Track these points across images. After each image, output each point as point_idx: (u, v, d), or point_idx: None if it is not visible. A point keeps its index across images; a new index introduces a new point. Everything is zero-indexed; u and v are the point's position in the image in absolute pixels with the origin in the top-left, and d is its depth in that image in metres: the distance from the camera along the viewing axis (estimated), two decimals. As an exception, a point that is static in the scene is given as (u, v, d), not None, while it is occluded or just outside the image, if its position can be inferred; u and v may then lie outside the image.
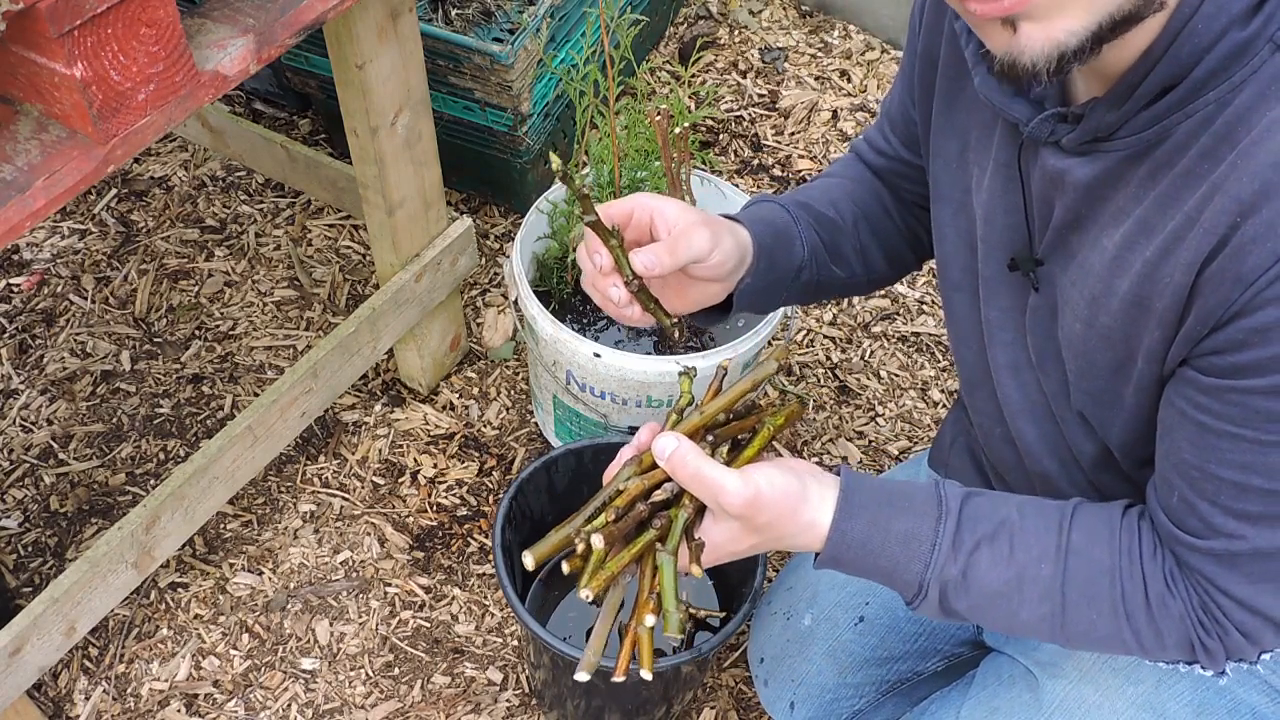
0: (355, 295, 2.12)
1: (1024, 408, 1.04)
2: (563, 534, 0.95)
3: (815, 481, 0.93)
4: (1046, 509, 0.94)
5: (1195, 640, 0.89)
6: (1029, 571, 0.91)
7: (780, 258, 1.10)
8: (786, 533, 0.92)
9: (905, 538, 0.92)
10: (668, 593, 0.90)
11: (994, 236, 0.99)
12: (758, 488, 0.88)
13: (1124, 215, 0.85)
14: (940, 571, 0.91)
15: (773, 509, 0.89)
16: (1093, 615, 0.91)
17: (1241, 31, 0.74)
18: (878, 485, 0.94)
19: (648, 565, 0.93)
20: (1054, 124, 0.86)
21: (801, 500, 0.91)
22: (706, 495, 0.89)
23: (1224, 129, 0.77)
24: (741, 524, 0.90)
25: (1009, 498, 0.95)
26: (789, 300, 1.16)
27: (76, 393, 1.97)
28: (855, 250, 1.18)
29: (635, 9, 2.28)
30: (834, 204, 1.18)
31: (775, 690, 1.37)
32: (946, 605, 0.93)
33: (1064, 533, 0.92)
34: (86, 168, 1.06)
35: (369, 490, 1.87)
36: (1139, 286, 0.83)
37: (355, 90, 1.49)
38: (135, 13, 1.02)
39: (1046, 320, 0.96)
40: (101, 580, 1.45)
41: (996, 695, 1.18)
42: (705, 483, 0.88)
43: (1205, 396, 0.81)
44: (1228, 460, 0.82)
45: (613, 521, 0.91)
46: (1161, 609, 0.89)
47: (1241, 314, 0.76)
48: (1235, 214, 0.75)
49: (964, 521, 0.92)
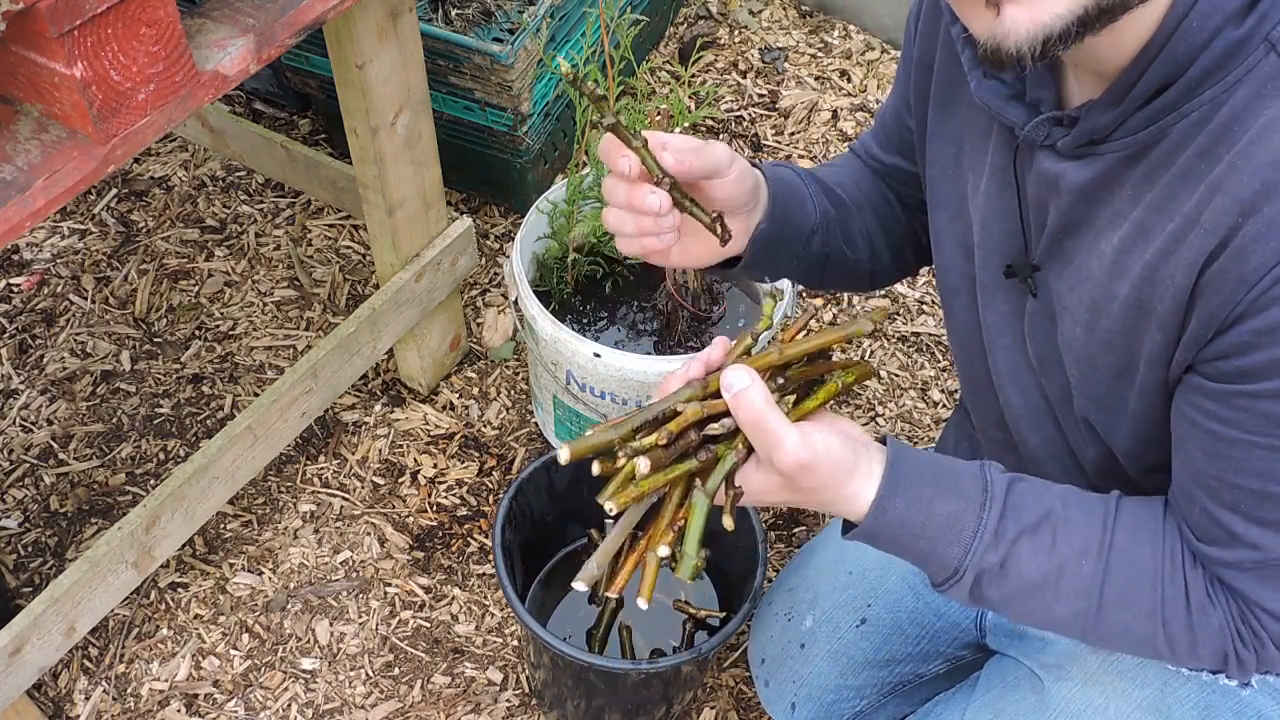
0: (355, 295, 2.12)
1: (1025, 413, 1.03)
2: (606, 436, 0.88)
3: (866, 455, 0.90)
4: (1090, 502, 0.92)
5: (1231, 651, 0.88)
6: (1070, 566, 0.89)
7: (794, 212, 1.06)
8: (828, 499, 0.89)
9: (948, 521, 0.89)
10: (692, 534, 0.86)
11: (990, 242, 0.98)
12: (814, 452, 0.85)
13: (1121, 218, 0.84)
14: (980, 559, 0.89)
15: (822, 476, 0.86)
16: (1128, 617, 0.89)
17: (1236, 30, 0.74)
18: (924, 462, 0.91)
19: (677, 493, 0.89)
20: (1049, 127, 0.86)
21: (851, 473, 0.88)
22: (761, 444, 0.86)
23: (1220, 129, 0.76)
24: (785, 481, 0.88)
25: (1051, 487, 0.93)
26: (799, 269, 1.12)
27: (76, 393, 1.97)
28: (862, 234, 1.17)
29: (635, 9, 2.28)
30: (840, 184, 1.16)
31: (776, 691, 1.37)
32: (978, 593, 0.91)
33: (1108, 530, 0.89)
34: (86, 168, 1.06)
35: (369, 490, 1.87)
36: (1139, 290, 0.83)
37: (355, 90, 1.49)
38: (135, 13, 1.02)
39: (1046, 325, 0.95)
40: (101, 580, 1.45)
41: (1001, 698, 1.18)
42: (766, 432, 0.85)
43: (1214, 403, 0.81)
44: (1244, 468, 0.81)
45: (662, 446, 0.86)
46: (1202, 617, 0.87)
47: (1246, 316, 0.76)
48: (1236, 214, 0.75)
49: (1009, 509, 0.90)
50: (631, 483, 0.87)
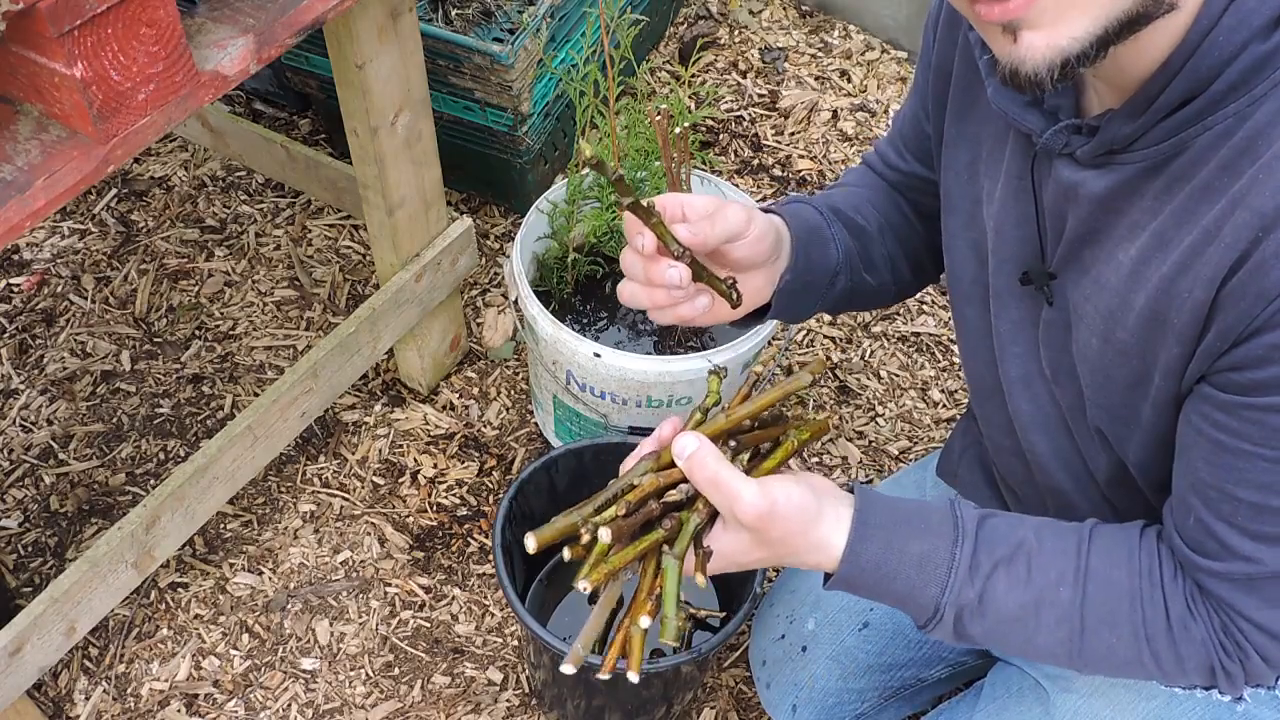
0: (355, 295, 2.12)
1: (1036, 421, 1.02)
2: (569, 520, 0.92)
3: (832, 501, 0.91)
4: (1064, 531, 0.92)
5: (1216, 664, 0.88)
6: (1047, 595, 0.89)
7: (816, 256, 1.07)
8: (798, 548, 0.90)
9: (921, 560, 0.90)
10: (669, 597, 0.88)
11: (1005, 249, 0.98)
12: (774, 501, 0.86)
13: (1139, 229, 0.83)
14: (957, 595, 0.90)
15: (786, 524, 0.87)
16: (1112, 639, 0.89)
17: (1262, 45, 0.73)
18: (892, 506, 0.93)
19: (651, 565, 0.91)
20: (1068, 135, 0.85)
21: (816, 519, 0.89)
22: (721, 502, 0.87)
23: (1244, 142, 0.76)
24: (753, 536, 0.89)
25: (1024, 519, 0.94)
26: (823, 308, 1.14)
27: (76, 393, 1.97)
28: (884, 258, 1.17)
29: (635, 9, 2.28)
30: (858, 210, 1.16)
31: (777, 693, 1.37)
32: (961, 629, 0.92)
33: (1082, 555, 0.90)
34: (86, 168, 1.06)
35: (369, 490, 1.87)
36: (1156, 302, 0.82)
37: (355, 90, 1.49)
38: (135, 13, 1.01)
39: (1061, 334, 0.95)
40: (101, 580, 1.45)
41: (1006, 708, 1.17)
42: (722, 488, 0.86)
43: (1223, 414, 0.80)
44: (1246, 480, 0.81)
45: (623, 516, 0.88)
46: (1183, 632, 0.87)
47: (1263, 330, 0.75)
48: (1257, 228, 0.74)
49: (981, 543, 0.91)
50: (603, 560, 0.88)
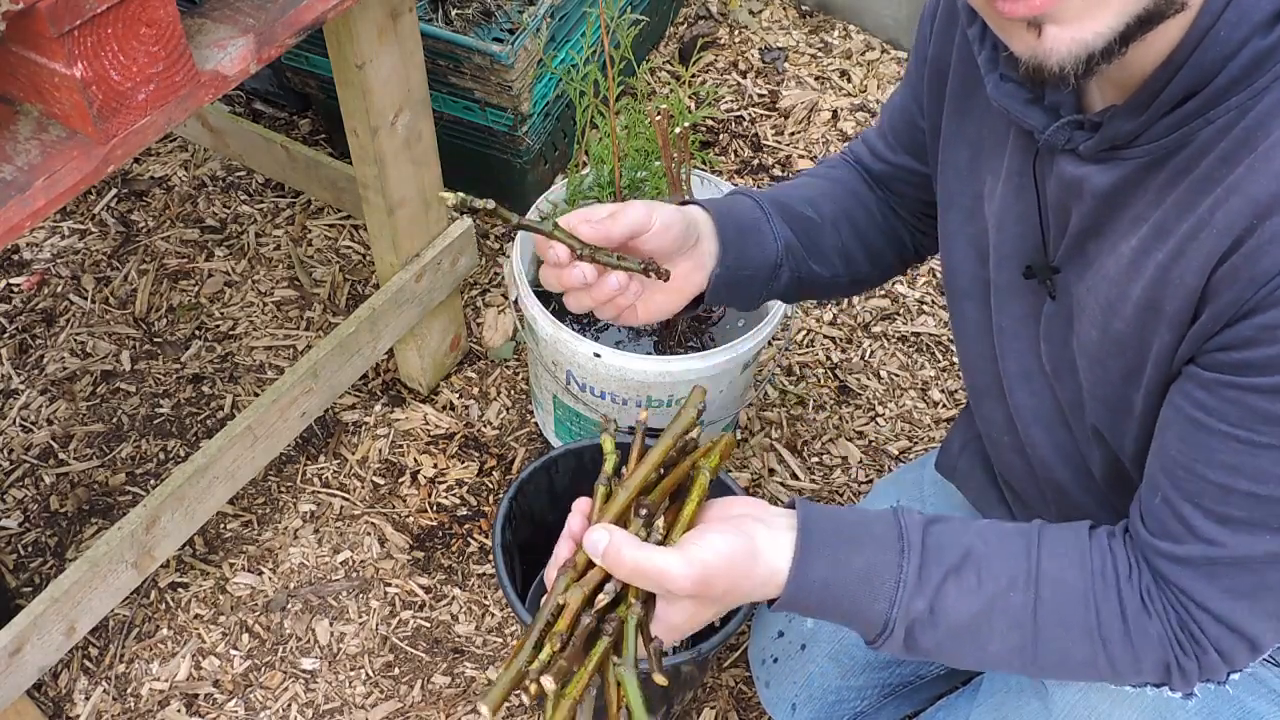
0: (355, 295, 2.12)
1: (1036, 416, 1.02)
2: (513, 672, 0.88)
3: (765, 529, 0.88)
4: (1010, 534, 0.91)
5: (1172, 661, 0.87)
6: (999, 601, 0.88)
7: (752, 250, 1.08)
8: (747, 591, 0.87)
9: (866, 574, 0.88)
10: (635, 707, 0.85)
11: (1006, 245, 0.98)
12: (703, 563, 0.83)
13: (1141, 221, 0.84)
14: (907, 609, 0.87)
15: (725, 577, 0.85)
16: (1067, 642, 0.88)
17: (1264, 39, 0.74)
18: (836, 518, 0.90)
19: (609, 676, 0.88)
20: (1071, 131, 0.85)
21: (753, 558, 0.86)
22: (653, 586, 0.85)
23: (1244, 134, 0.76)
24: (696, 601, 0.86)
25: (969, 523, 0.92)
26: (774, 297, 1.15)
27: (76, 393, 1.97)
28: (836, 249, 1.17)
29: (635, 9, 2.28)
30: (810, 202, 1.16)
31: (777, 692, 1.37)
32: (912, 642, 0.90)
33: (1032, 558, 0.89)
34: (86, 168, 1.06)
35: (369, 490, 1.87)
36: (1151, 290, 0.83)
37: (355, 90, 1.49)
38: (135, 13, 1.01)
39: (1062, 328, 0.95)
40: (101, 580, 1.45)
41: (1004, 703, 1.17)
42: (648, 574, 0.83)
43: (1203, 391, 0.81)
44: (1216, 460, 0.81)
45: (559, 651, 0.86)
46: (1139, 631, 0.87)
47: (1254, 311, 0.75)
48: (1251, 216, 0.74)
49: (928, 552, 0.88)
50: (560, 697, 0.86)
